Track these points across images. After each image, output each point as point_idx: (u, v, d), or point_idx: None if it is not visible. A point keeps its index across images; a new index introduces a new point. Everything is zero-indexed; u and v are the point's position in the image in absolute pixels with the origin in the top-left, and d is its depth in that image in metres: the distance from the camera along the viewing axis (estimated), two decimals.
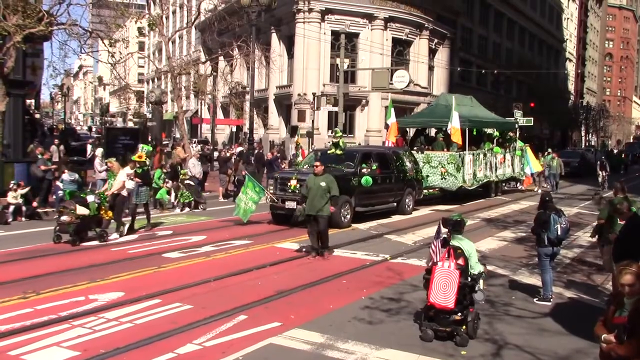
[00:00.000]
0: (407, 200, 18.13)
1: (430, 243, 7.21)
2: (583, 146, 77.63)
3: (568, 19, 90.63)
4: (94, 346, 6.48)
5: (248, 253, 11.94)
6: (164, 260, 10.95)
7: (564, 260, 11.57)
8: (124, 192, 13.73)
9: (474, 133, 22.60)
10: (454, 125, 20.13)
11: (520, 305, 8.54)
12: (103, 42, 20.71)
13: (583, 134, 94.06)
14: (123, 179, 13.63)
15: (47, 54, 27.64)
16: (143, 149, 15.00)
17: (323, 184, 11.47)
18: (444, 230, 7.29)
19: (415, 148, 21.69)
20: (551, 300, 8.68)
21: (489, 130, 24.67)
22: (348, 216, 15.42)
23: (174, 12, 68.90)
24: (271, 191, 15.60)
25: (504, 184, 25.95)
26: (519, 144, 26.00)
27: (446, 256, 7.00)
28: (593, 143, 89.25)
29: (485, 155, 22.82)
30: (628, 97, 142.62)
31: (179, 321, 7.32)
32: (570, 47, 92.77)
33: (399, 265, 11.09)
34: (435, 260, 7.03)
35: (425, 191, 20.60)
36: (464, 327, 6.85)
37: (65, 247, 12.05)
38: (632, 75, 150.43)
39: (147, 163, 15.27)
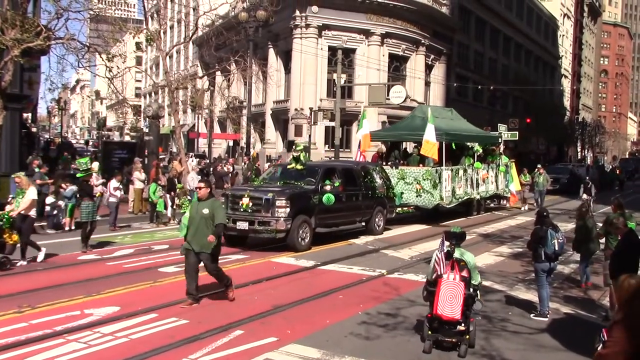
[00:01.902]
0: (377, 219, 16.77)
1: (434, 256, 7.27)
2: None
3: (563, 35, 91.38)
4: None
5: (244, 267, 11.90)
6: (160, 275, 10.92)
7: (561, 274, 11.57)
8: (33, 213, 12.18)
9: (453, 147, 21.30)
10: (428, 139, 18.80)
11: (517, 321, 8.54)
12: (101, 57, 20.77)
13: (579, 149, 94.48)
14: (32, 197, 11.96)
15: (45, 68, 27.82)
16: (86, 163, 13.98)
17: (206, 210, 8.77)
18: (446, 243, 7.37)
19: (389, 163, 20.78)
20: (548, 315, 8.68)
21: (470, 145, 22.85)
22: (307, 238, 13.91)
23: (171, 27, 69.40)
24: None
25: (487, 202, 24.22)
26: (503, 159, 24.65)
27: (450, 268, 7.10)
28: (588, 159, 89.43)
29: (465, 171, 21.29)
30: (623, 114, 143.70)
31: (175, 336, 7.29)
32: (566, 63, 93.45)
33: (395, 280, 11.07)
34: (440, 273, 7.12)
35: (399, 209, 19.54)
36: (467, 336, 6.98)
37: (58, 261, 11.99)
38: (627, 91, 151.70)
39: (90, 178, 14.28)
